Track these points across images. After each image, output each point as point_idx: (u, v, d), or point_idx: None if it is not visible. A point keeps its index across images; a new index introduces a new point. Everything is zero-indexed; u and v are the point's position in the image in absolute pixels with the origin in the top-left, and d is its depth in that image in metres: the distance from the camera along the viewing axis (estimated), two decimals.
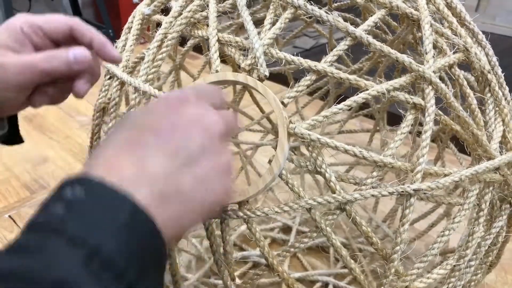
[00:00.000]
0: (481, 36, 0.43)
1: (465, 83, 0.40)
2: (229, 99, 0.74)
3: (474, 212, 0.40)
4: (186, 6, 0.41)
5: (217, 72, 0.38)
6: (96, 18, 3.16)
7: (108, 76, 0.44)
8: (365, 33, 0.37)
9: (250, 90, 0.71)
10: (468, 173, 0.37)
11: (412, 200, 0.35)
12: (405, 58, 0.37)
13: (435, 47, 0.39)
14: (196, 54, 1.36)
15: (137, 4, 0.46)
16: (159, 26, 0.42)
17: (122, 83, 0.42)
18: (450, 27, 0.41)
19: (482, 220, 0.39)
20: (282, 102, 0.36)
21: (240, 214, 0.36)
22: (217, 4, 0.41)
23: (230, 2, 0.41)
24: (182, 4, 0.41)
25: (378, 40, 0.41)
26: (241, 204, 0.36)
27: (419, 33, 0.40)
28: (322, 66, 0.36)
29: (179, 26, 0.40)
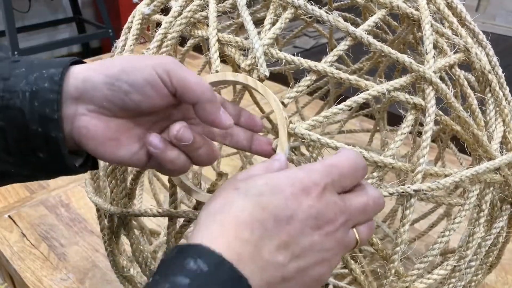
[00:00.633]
0: (481, 36, 0.43)
1: (465, 83, 0.40)
2: (229, 99, 0.74)
3: (475, 212, 0.40)
4: (186, 6, 0.41)
5: (217, 72, 0.38)
6: (96, 18, 3.16)
7: None
8: (365, 33, 0.37)
9: (250, 90, 0.71)
10: (469, 173, 0.37)
11: (413, 200, 0.35)
12: (405, 58, 0.37)
13: (435, 47, 0.39)
14: (196, 54, 1.36)
15: (137, 4, 0.46)
16: (159, 26, 0.42)
17: None
18: (450, 27, 0.41)
19: (483, 220, 0.39)
20: (282, 102, 0.36)
21: None
22: (217, 4, 0.41)
23: (230, 2, 0.41)
24: (182, 4, 0.41)
25: (379, 40, 0.41)
26: None
27: (420, 33, 0.40)
28: (322, 66, 0.36)
29: (179, 26, 0.40)
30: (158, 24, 0.43)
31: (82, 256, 0.69)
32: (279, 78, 0.90)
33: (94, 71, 0.31)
